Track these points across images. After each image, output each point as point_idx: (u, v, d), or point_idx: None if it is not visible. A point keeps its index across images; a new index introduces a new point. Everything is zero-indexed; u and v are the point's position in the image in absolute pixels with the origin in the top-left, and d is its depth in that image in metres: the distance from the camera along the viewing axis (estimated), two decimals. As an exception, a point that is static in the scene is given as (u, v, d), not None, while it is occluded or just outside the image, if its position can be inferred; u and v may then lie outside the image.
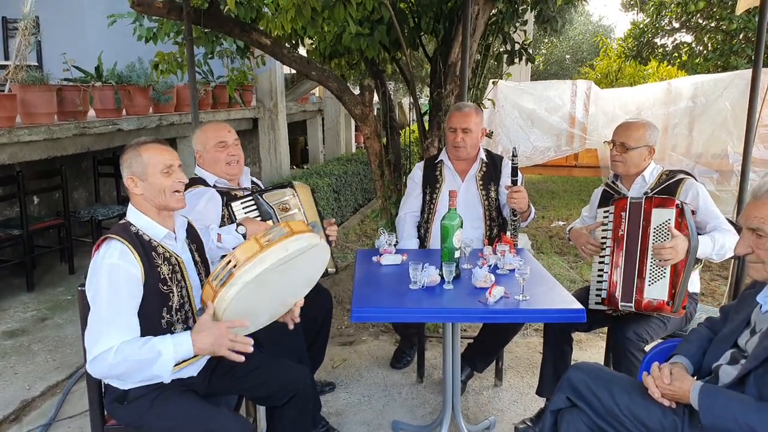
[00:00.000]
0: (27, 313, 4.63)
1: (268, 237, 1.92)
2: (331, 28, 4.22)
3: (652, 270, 2.57)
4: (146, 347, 1.90)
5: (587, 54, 20.48)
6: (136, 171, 2.06)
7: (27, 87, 4.76)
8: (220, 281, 1.87)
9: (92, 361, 1.90)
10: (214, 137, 2.86)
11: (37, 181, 5.37)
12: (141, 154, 2.07)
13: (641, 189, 2.85)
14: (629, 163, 2.84)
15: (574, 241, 3.00)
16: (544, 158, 6.86)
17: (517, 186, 3.04)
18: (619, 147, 2.84)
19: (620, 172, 2.92)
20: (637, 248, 2.61)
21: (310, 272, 2.18)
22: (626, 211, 2.68)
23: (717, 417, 1.74)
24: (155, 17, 4.46)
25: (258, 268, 1.86)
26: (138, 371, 1.94)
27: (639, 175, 2.87)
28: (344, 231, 6.96)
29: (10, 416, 3.20)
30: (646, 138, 2.81)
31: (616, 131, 2.89)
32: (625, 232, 2.67)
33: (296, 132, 11.42)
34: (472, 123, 3.21)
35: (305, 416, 2.36)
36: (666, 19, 10.26)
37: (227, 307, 1.88)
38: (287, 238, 1.92)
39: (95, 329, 1.92)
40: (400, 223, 3.49)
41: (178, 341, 1.93)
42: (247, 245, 1.90)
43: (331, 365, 3.73)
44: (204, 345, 1.93)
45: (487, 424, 3.04)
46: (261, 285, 1.91)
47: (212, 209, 2.73)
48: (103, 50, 5.97)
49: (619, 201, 2.75)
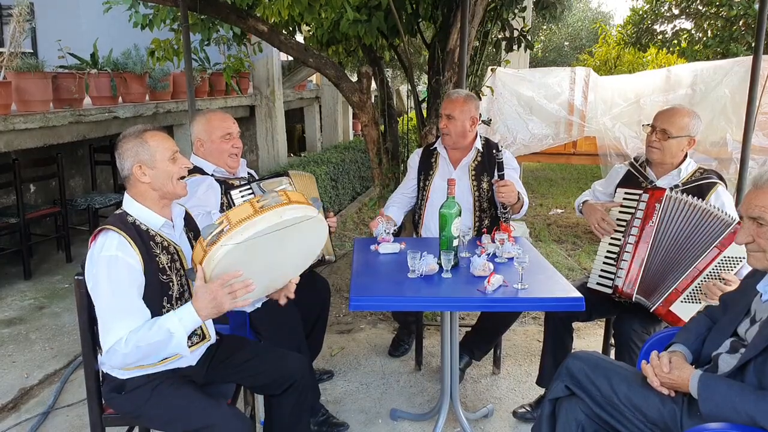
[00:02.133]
0: (24, 302, 4.62)
1: (263, 203, 1.87)
2: (329, 15, 4.18)
3: (694, 293, 2.48)
4: (154, 330, 1.90)
5: (586, 41, 20.40)
6: (144, 159, 2.01)
7: (22, 74, 4.72)
8: (209, 241, 1.83)
9: (106, 355, 1.91)
10: (221, 128, 2.84)
11: (33, 169, 5.34)
12: (147, 141, 2.03)
13: (672, 181, 2.72)
14: (667, 152, 2.69)
15: (587, 216, 2.88)
16: (542, 146, 6.83)
17: (503, 180, 3.02)
18: (660, 133, 2.68)
19: (655, 160, 2.76)
20: (686, 259, 2.51)
21: (306, 246, 2.11)
22: (663, 203, 2.58)
23: (716, 406, 1.74)
24: (151, 3, 4.42)
25: (249, 231, 1.81)
26: (154, 354, 1.94)
27: (674, 167, 2.73)
28: (342, 219, 6.95)
29: (8, 404, 3.20)
30: (690, 127, 2.66)
31: (658, 116, 2.73)
32: (657, 226, 2.58)
33: (293, 120, 11.37)
34: (457, 110, 3.16)
35: (303, 405, 2.36)
36: (666, 5, 10.20)
37: (216, 267, 1.84)
38: (283, 206, 1.88)
39: (102, 323, 1.92)
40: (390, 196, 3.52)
41: (181, 315, 1.92)
42: (242, 208, 1.86)
43: (329, 353, 3.73)
44: (206, 308, 1.90)
45: (485, 411, 3.05)
46: (252, 250, 1.86)
47: (212, 196, 2.72)
48: (98, 37, 5.91)
49: (655, 191, 2.64)
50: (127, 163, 2.03)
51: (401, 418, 3.05)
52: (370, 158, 4.44)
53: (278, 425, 2.33)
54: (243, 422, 2.05)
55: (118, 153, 2.05)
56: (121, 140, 2.05)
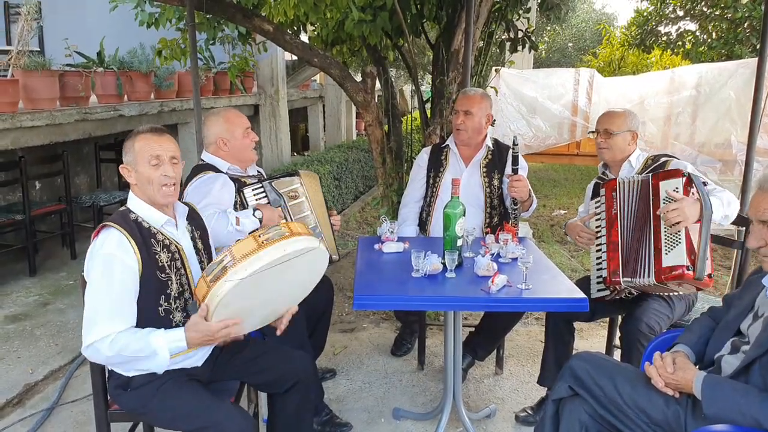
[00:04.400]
0: (29, 298, 4.64)
1: (266, 236, 1.89)
2: (334, 15, 4.19)
3: (667, 238, 2.55)
4: (141, 343, 1.93)
5: (590, 42, 20.38)
6: (129, 159, 2.06)
7: (29, 72, 4.74)
8: (214, 277, 1.85)
9: (87, 348, 1.94)
10: (241, 124, 2.89)
11: (39, 166, 5.37)
12: (134, 143, 2.06)
13: (629, 174, 2.90)
14: (615, 149, 2.93)
15: (570, 234, 3.05)
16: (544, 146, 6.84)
17: (517, 175, 3.05)
18: (603, 134, 2.93)
19: (607, 159, 2.99)
20: (648, 221, 2.61)
21: (306, 277, 2.15)
22: (617, 190, 2.74)
23: (720, 408, 1.74)
24: (157, 2, 4.44)
25: (254, 266, 1.82)
26: (133, 364, 2.01)
27: (625, 161, 2.94)
28: (345, 218, 6.96)
29: (13, 400, 3.22)
30: (628, 123, 2.91)
31: (598, 121, 3.00)
32: (618, 209, 2.72)
33: (297, 119, 11.39)
34: (475, 106, 3.22)
35: (307, 403, 2.37)
36: (670, 7, 10.17)
37: (219, 303, 1.86)
38: (286, 239, 1.89)
39: (89, 317, 1.95)
40: (401, 209, 3.53)
41: (171, 338, 1.95)
42: (244, 243, 1.88)
43: (332, 352, 3.74)
44: (198, 341, 1.96)
45: (488, 412, 3.05)
46: (255, 284, 1.88)
47: (227, 194, 2.74)
48: (104, 36, 5.94)
49: (608, 183, 2.82)
50: (123, 160, 2.08)
51: (404, 418, 3.06)
52: (374, 158, 4.45)
53: (282, 423, 2.34)
54: (246, 420, 2.06)
55: None
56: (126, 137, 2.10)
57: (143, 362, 1.98)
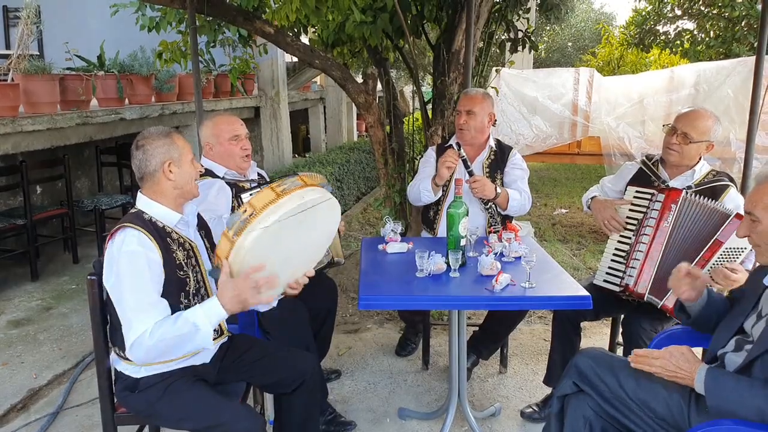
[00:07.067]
0: (32, 303, 4.65)
1: (283, 186, 1.91)
2: (335, 17, 4.20)
3: None
4: (179, 323, 1.91)
5: (589, 41, 20.37)
6: (174, 157, 2.07)
7: (30, 76, 4.75)
8: (237, 230, 1.85)
9: (130, 348, 1.91)
10: (228, 130, 2.87)
11: (40, 170, 5.36)
12: (176, 142, 2.09)
13: (685, 182, 2.71)
14: (685, 155, 2.68)
15: (595, 212, 2.87)
16: (546, 146, 6.84)
17: (473, 176, 3.07)
18: (681, 137, 2.66)
19: (672, 162, 2.74)
20: (697, 253, 2.50)
21: (319, 236, 2.14)
22: (679, 204, 2.56)
23: (724, 400, 1.75)
24: (158, 6, 4.44)
25: (276, 213, 1.83)
26: (179, 347, 1.95)
27: (689, 168, 2.72)
28: (347, 220, 6.96)
29: (17, 405, 3.22)
30: (711, 132, 2.65)
31: (680, 118, 2.70)
32: (671, 226, 2.57)
33: (298, 120, 11.39)
34: (477, 106, 3.23)
35: (313, 404, 2.38)
36: (668, 6, 10.19)
37: (246, 255, 1.85)
38: (302, 188, 1.92)
39: (126, 319, 1.93)
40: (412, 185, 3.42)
41: (207, 308, 1.93)
42: (263, 194, 1.88)
43: (336, 353, 3.75)
44: (231, 302, 1.91)
45: (493, 410, 3.06)
46: (277, 236, 1.87)
47: (223, 199, 2.74)
48: (104, 39, 5.95)
49: (671, 191, 2.63)
50: (154, 160, 2.05)
51: (409, 417, 3.06)
52: (376, 159, 4.45)
53: (289, 424, 2.35)
54: (254, 420, 2.06)
55: (143, 150, 2.06)
56: (146, 138, 2.07)
57: (187, 342, 1.93)
